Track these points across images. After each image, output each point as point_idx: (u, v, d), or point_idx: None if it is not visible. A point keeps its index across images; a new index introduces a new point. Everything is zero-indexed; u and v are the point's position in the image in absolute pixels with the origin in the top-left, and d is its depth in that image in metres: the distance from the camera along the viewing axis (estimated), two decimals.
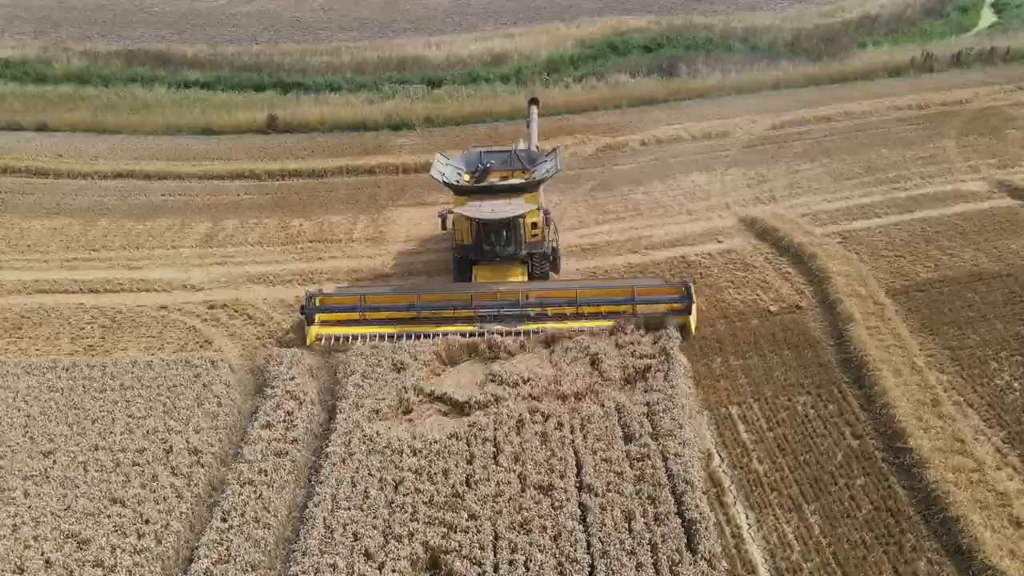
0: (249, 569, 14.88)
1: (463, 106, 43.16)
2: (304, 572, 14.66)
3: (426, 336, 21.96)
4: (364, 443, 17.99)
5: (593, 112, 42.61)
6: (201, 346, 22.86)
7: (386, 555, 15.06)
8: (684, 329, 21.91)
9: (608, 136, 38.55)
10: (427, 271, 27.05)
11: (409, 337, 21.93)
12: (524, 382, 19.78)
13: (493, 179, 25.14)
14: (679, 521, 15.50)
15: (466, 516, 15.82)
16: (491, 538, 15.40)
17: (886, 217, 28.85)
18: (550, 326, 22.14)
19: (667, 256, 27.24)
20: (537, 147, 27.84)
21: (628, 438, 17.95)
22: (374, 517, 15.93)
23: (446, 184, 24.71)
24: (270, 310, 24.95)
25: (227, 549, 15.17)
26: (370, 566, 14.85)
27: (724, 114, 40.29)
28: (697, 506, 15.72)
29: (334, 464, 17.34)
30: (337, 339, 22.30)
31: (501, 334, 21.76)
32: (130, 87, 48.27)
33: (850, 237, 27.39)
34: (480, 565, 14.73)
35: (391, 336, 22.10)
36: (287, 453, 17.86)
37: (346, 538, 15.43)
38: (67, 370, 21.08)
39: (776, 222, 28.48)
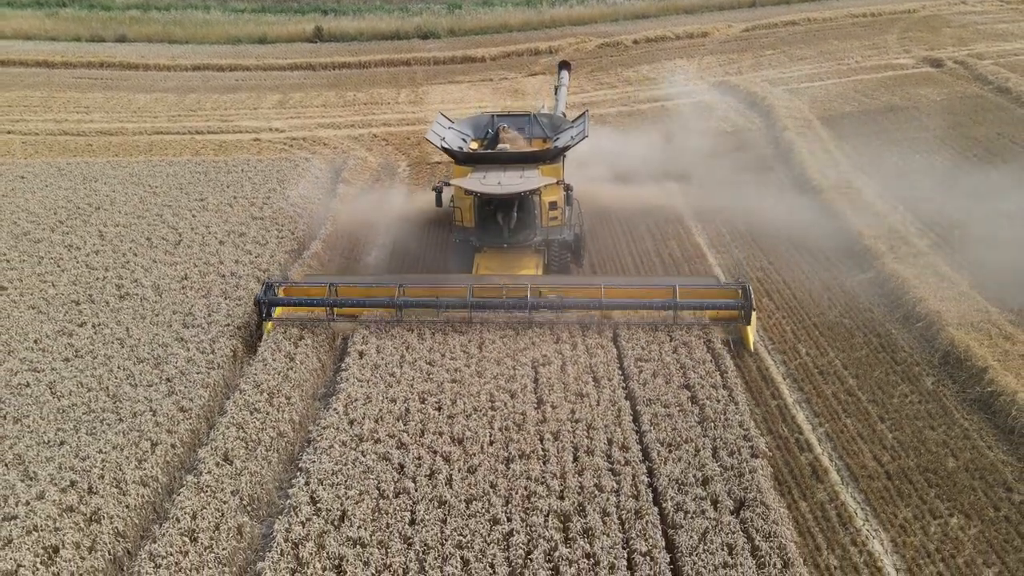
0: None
1: (481, 20, 50.24)
2: None
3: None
4: None
5: (593, 24, 49.71)
6: (292, 156, 30.06)
7: None
8: (740, 342, 17.24)
9: (606, 38, 45.59)
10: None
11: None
12: None
13: (506, 147, 20.35)
14: None
15: None
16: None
17: (828, 80, 35.89)
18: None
19: (649, 107, 34.33)
20: (564, 114, 23.75)
21: None
22: None
23: (444, 150, 20.08)
24: (339, 142, 32.12)
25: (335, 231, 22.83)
26: None
27: (705, 22, 47.34)
28: None
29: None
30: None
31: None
32: (188, 12, 55.35)
33: (796, 91, 34.46)
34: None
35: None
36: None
37: None
38: (199, 163, 28.42)
39: (738, 82, 35.57)
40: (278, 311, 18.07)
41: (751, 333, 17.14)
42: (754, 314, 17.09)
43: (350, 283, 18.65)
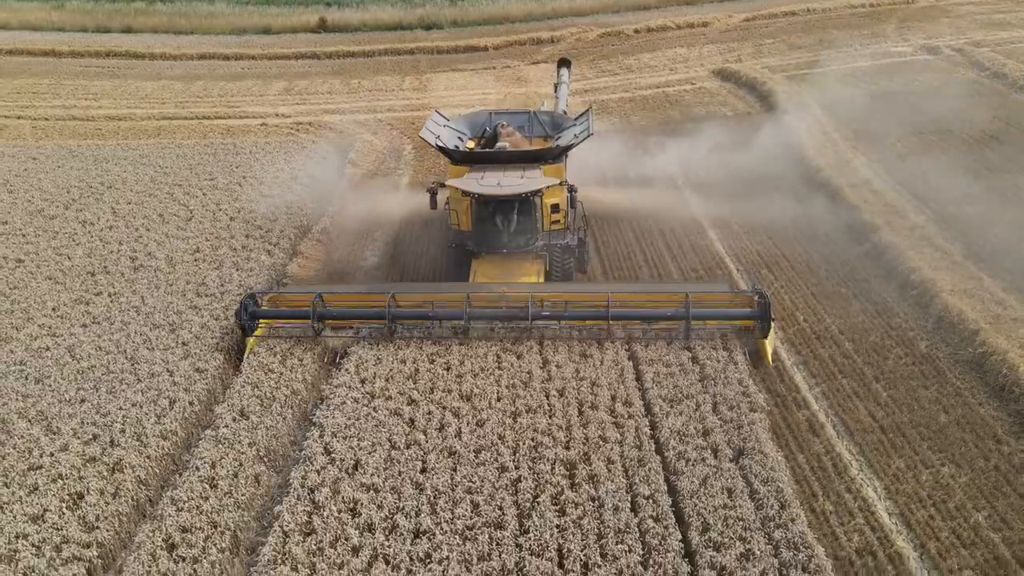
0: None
1: (484, 10, 50.75)
2: None
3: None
4: None
5: (595, 15, 50.16)
6: (299, 139, 30.56)
7: None
8: (756, 354, 15.98)
9: (607, 28, 46.15)
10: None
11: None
12: None
13: (505, 146, 19.20)
14: None
15: None
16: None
17: (827, 67, 36.33)
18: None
19: (651, 93, 34.81)
20: (565, 112, 22.58)
21: None
22: None
23: (440, 149, 19.04)
24: (345, 126, 32.59)
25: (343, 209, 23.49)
26: None
27: (705, 12, 47.87)
28: None
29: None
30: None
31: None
32: (194, 3, 55.83)
33: (795, 77, 34.95)
34: None
35: None
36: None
37: None
38: (208, 145, 28.98)
39: (739, 69, 36.07)
40: (259, 329, 16.80)
41: (769, 347, 15.94)
42: (773, 325, 15.92)
43: (337, 292, 17.34)
